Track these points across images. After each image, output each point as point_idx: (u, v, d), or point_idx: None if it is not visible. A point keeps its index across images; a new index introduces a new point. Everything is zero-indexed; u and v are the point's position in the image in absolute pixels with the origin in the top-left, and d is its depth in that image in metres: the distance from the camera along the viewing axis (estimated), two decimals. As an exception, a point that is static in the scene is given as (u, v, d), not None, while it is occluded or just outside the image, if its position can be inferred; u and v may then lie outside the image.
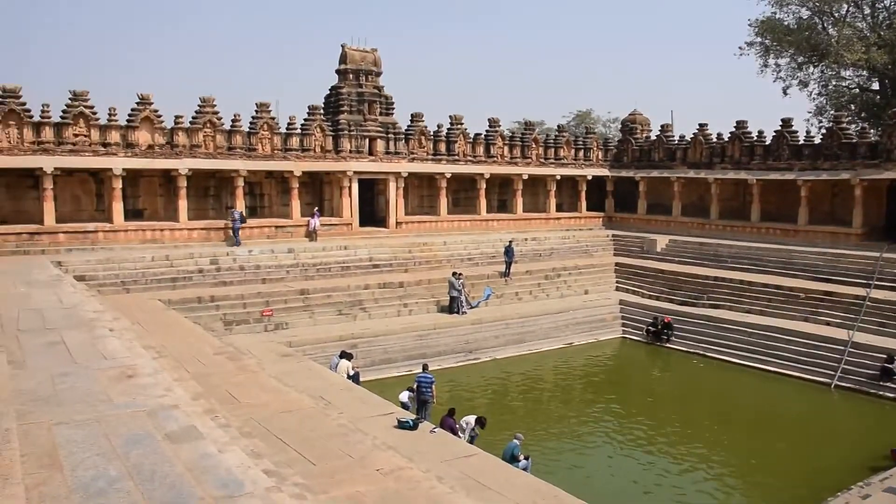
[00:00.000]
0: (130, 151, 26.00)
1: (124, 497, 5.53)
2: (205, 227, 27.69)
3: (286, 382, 13.70)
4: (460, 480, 10.31)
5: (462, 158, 34.04)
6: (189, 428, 7.22)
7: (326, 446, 10.29)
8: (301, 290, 24.60)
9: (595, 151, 39.48)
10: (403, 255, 29.61)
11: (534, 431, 17.40)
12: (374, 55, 32.26)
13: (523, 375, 23.31)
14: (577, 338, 26.93)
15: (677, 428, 18.79)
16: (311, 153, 29.83)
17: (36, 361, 9.86)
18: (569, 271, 31.45)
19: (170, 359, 12.49)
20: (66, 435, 6.86)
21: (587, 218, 39.13)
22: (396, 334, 23.48)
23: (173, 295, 22.75)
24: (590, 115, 67.70)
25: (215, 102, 27.93)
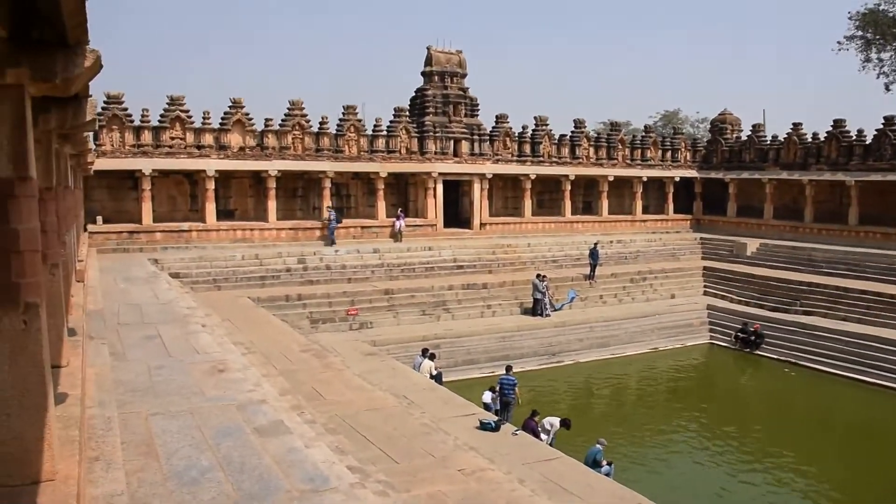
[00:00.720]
0: (223, 153, 26.87)
1: (215, 486, 5.72)
2: (293, 227, 28.34)
3: (370, 381, 13.88)
4: (542, 484, 10.24)
5: (547, 160, 33.83)
6: (277, 422, 7.40)
7: (409, 445, 10.37)
8: (385, 290, 24.90)
9: (683, 152, 38.62)
10: (487, 256, 29.61)
11: (616, 437, 17.13)
12: (459, 57, 32.40)
13: (606, 380, 22.99)
14: (663, 343, 26.38)
15: (766, 439, 18.16)
16: (397, 155, 30.17)
17: (134, 354, 10.29)
18: (655, 275, 30.86)
19: (258, 355, 12.83)
20: (161, 425, 7.14)
21: (674, 220, 38.30)
22: (479, 335, 23.50)
23: (262, 293, 23.35)
24: (677, 116, 66.26)
25: (304, 105, 28.58)
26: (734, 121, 39.49)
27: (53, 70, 3.47)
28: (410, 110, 31.94)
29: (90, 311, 11.75)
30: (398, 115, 30.69)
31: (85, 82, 4.16)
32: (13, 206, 3.39)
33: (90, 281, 15.92)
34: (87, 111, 5.38)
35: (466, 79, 32.59)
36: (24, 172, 3.45)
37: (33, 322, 3.51)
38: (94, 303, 13.44)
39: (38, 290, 3.56)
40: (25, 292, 3.46)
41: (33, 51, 3.41)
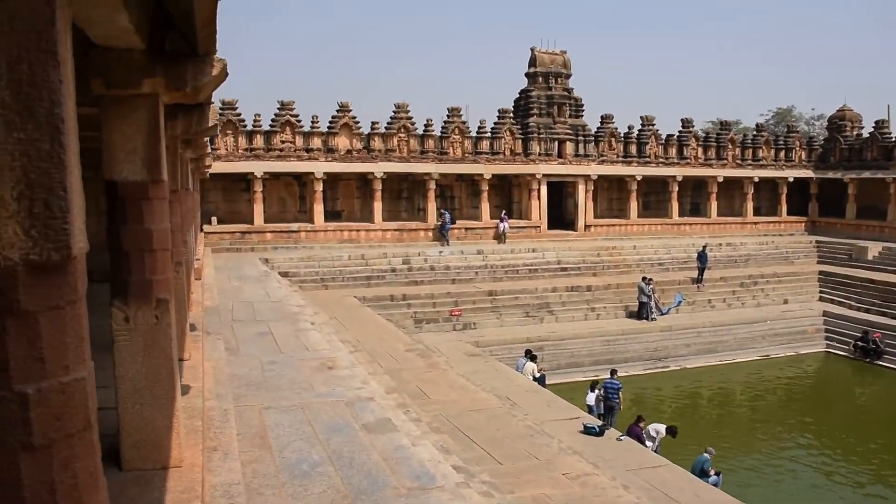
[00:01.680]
0: (330, 156, 27.58)
1: (325, 480, 5.89)
2: (398, 228, 28.80)
3: (473, 381, 13.95)
4: (647, 491, 10.05)
5: (653, 160, 33.14)
6: (384, 420, 7.56)
7: (513, 447, 10.38)
8: (489, 291, 24.96)
9: (797, 151, 37.05)
10: (592, 258, 29.25)
11: (723, 447, 16.59)
12: (563, 57, 32.15)
13: (714, 387, 22.31)
14: (775, 350, 25.38)
15: (888, 456, 17.21)
16: (501, 156, 30.21)
17: (248, 349, 10.70)
18: (766, 279, 29.73)
19: (365, 353, 13.11)
20: (274, 419, 7.41)
21: (787, 223, 36.77)
22: (583, 338, 23.25)
23: (367, 292, 23.80)
24: (791, 113, 63.64)
25: (409, 108, 29.02)
26: (854, 117, 37.57)
27: (185, 79, 3.68)
28: (514, 112, 31.92)
29: (207, 308, 12.30)
30: (502, 117, 30.72)
31: (212, 90, 4.39)
32: (147, 208, 3.61)
33: (206, 279, 16.65)
34: (209, 117, 5.65)
35: (571, 79, 32.32)
36: (157, 176, 3.66)
37: (164, 317, 3.72)
38: (210, 300, 14.06)
39: (169, 287, 3.78)
40: (157, 288, 3.68)
41: (167, 61, 3.62)
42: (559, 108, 31.57)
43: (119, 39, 3.19)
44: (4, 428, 1.45)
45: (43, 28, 1.44)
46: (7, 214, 1.43)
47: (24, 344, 1.46)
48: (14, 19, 1.40)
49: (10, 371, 1.45)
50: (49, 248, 1.47)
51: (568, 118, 31.71)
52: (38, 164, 1.45)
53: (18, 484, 1.47)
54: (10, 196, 1.43)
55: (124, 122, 3.63)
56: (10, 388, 1.45)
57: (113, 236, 3.70)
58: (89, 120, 4.25)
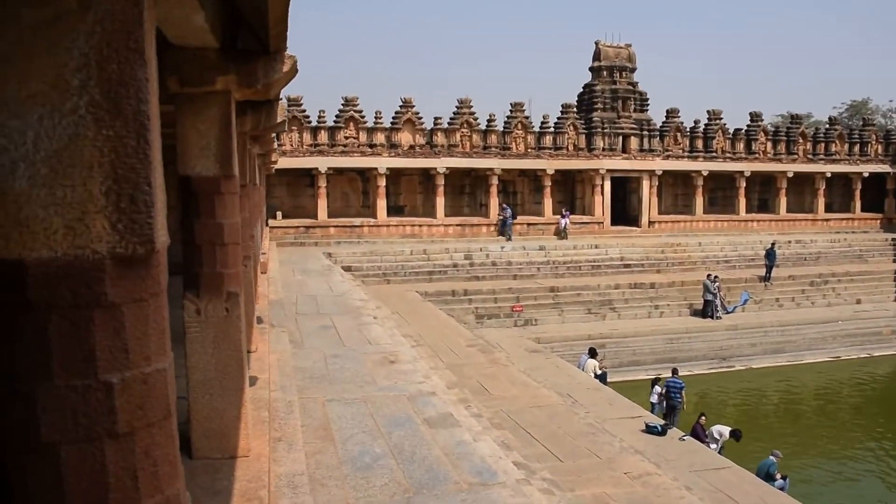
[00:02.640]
0: (393, 151, 27.77)
1: (387, 473, 5.95)
2: (460, 224, 28.85)
3: (534, 378, 13.90)
4: (710, 493, 9.88)
5: (720, 155, 32.44)
6: (446, 415, 7.59)
7: (574, 444, 10.31)
8: (551, 288, 24.82)
9: (873, 146, 35.77)
10: (656, 255, 28.83)
11: (789, 450, 16.18)
12: (627, 51, 31.73)
13: (781, 388, 21.76)
14: (846, 351, 24.61)
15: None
16: (564, 151, 29.98)
17: (311, 342, 10.87)
18: (838, 278, 28.85)
19: (426, 347, 13.19)
20: (337, 411, 7.51)
21: (861, 220, 35.58)
22: (646, 336, 22.93)
23: (429, 287, 23.91)
24: (866, 106, 61.46)
25: (472, 103, 29.00)
26: (935, 111, 36.18)
27: (256, 76, 3.75)
28: (578, 106, 31.61)
29: (272, 301, 12.53)
30: (565, 112, 30.47)
31: (282, 87, 4.46)
32: (219, 202, 3.69)
33: (271, 272, 16.96)
34: (277, 113, 5.75)
35: (635, 73, 31.87)
36: (229, 171, 3.74)
37: (234, 310, 3.80)
38: (275, 293, 14.31)
39: (239, 280, 3.86)
40: (228, 282, 3.76)
41: (239, 59, 3.70)
42: (623, 102, 31.16)
43: (194, 38, 3.27)
44: (90, 415, 1.51)
45: (132, 28, 1.49)
46: (96, 209, 1.48)
47: (109, 335, 1.51)
48: (105, 20, 1.45)
49: (97, 361, 1.50)
50: (134, 242, 1.52)
51: (632, 112, 31.28)
52: (125, 160, 1.50)
53: (103, 469, 1.53)
54: (98, 191, 1.48)
55: (198, 119, 3.72)
56: (96, 377, 1.51)
57: (186, 230, 3.80)
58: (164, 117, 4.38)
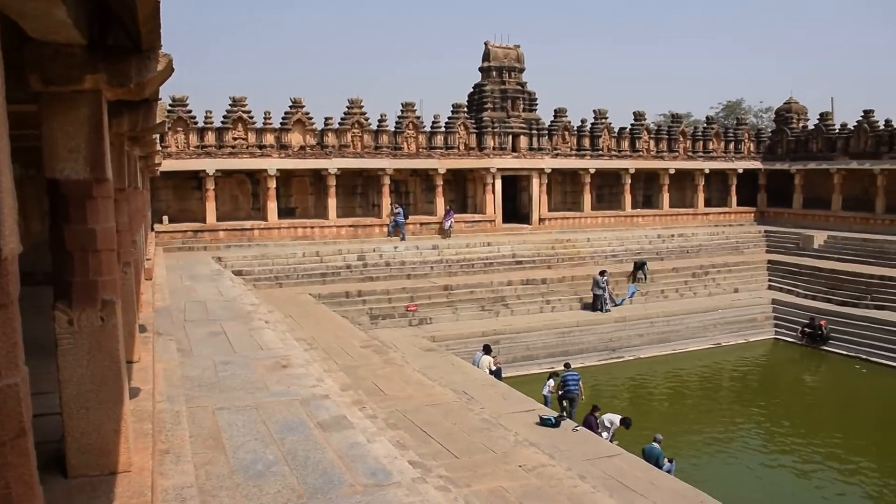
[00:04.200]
0: (284, 153, 27.31)
1: (280, 480, 5.84)
2: (352, 224, 28.65)
3: (430, 376, 13.95)
4: (603, 480, 10.17)
5: (606, 153, 33.47)
6: (339, 417, 7.52)
7: (469, 440, 10.41)
8: (444, 286, 24.99)
9: (746, 143, 37.75)
10: (546, 251, 29.47)
11: (677, 434, 16.90)
12: (516, 52, 32.28)
13: (667, 375, 22.67)
14: (726, 338, 25.89)
15: (835, 439, 17.64)
16: (455, 151, 30.22)
17: (200, 350, 10.55)
18: (717, 269, 30.28)
19: (320, 350, 13.03)
20: (227, 419, 7.32)
21: (737, 213, 37.48)
22: (538, 331, 23.43)
23: (322, 289, 23.66)
24: (740, 106, 64.71)
25: (363, 104, 28.85)
26: (800, 110, 38.44)
27: (128, 75, 3.59)
28: (468, 106, 31.94)
29: (158, 309, 12.10)
30: (456, 112, 30.72)
31: (157, 86, 4.30)
32: (91, 207, 3.52)
33: (157, 279, 16.38)
34: (157, 114, 5.54)
35: (524, 73, 32.48)
36: (101, 174, 3.57)
37: (110, 319, 3.64)
38: (161, 300, 13.83)
39: (115, 288, 3.70)
40: (103, 290, 3.59)
41: (109, 57, 3.53)
42: (513, 102, 31.70)
43: (57, 34, 3.10)
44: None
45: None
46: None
47: (-48, 350, 1.41)
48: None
49: (-61, 379, 1.39)
50: (-22, 251, 1.42)
51: (522, 112, 31.86)
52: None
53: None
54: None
55: (65, 120, 3.53)
56: (-61, 396, 1.40)
57: (55, 236, 3.60)
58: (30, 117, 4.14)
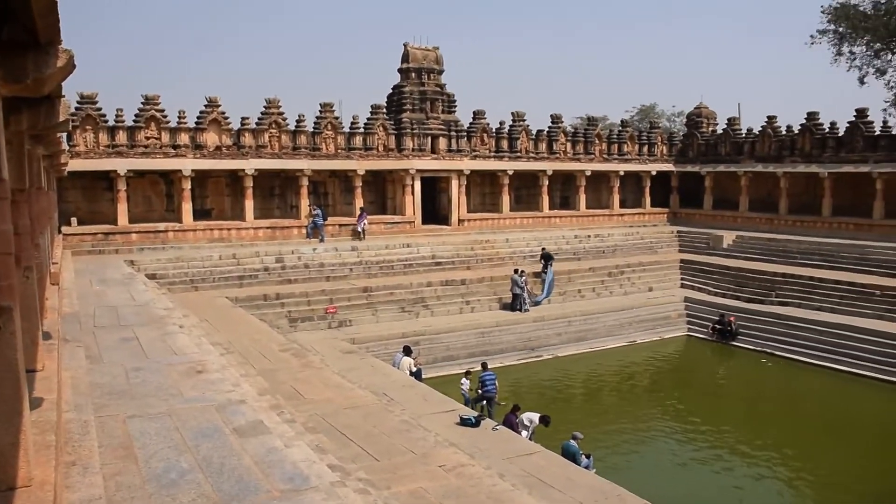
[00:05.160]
0: (199, 153, 26.68)
1: (195, 488, 5.69)
2: (270, 226, 28.21)
3: (349, 379, 13.87)
4: (522, 478, 10.28)
5: (524, 155, 33.90)
6: (256, 423, 7.38)
7: (389, 442, 10.38)
8: (364, 288, 24.86)
9: (659, 146, 38.86)
10: (466, 252, 29.65)
11: (595, 429, 17.24)
12: (435, 53, 32.39)
13: (585, 373, 23.12)
14: (641, 336, 26.57)
15: (743, 429, 18.36)
16: (375, 152, 30.10)
17: (111, 356, 10.20)
18: (632, 268, 31.05)
19: (237, 355, 12.79)
20: (139, 427, 7.09)
21: (651, 214, 38.55)
22: (458, 331, 23.55)
23: (240, 292, 23.24)
24: (654, 110, 66.62)
25: (280, 104, 28.43)
26: (710, 114, 39.79)
27: (25, 70, 3.44)
28: (387, 107, 31.88)
29: (65, 315, 11.63)
30: (375, 113, 30.61)
31: (57, 82, 4.12)
32: (-16, 209, 3.35)
33: (65, 283, 15.76)
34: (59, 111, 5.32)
35: (443, 75, 32.62)
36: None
37: (7, 326, 3.47)
38: (69, 306, 13.31)
39: (12, 294, 3.53)
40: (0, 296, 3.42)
41: (4, 51, 3.37)
42: (432, 103, 31.79)
43: (-55, 27, 2.95)
44: None
45: None
46: None
47: None
48: None
49: None
50: None
51: (441, 114, 31.99)
52: None
53: None
54: None
55: (-44, 117, 3.35)
56: None
57: (-53, 241, 3.41)
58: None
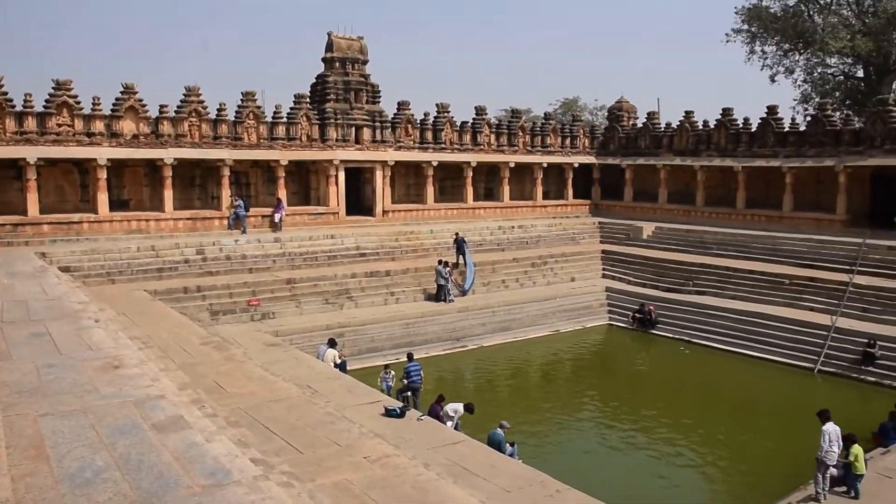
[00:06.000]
0: (115, 141, 25.84)
1: (111, 486, 5.55)
2: (191, 217, 27.56)
3: (273, 372, 13.73)
4: (447, 467, 10.38)
5: (449, 147, 34.01)
6: (176, 418, 7.24)
7: (313, 435, 10.34)
8: (288, 280, 24.59)
9: (582, 139, 39.54)
10: (390, 243, 29.62)
11: (520, 418, 17.49)
12: (360, 43, 32.14)
13: (510, 362, 23.43)
14: (564, 325, 27.06)
15: (664, 413, 18.93)
16: (298, 142, 29.72)
17: (20, 353, 9.84)
18: (555, 259, 31.55)
19: (156, 349, 12.49)
20: (51, 426, 6.87)
21: (574, 205, 39.22)
22: (383, 323, 23.53)
23: (159, 285, 22.69)
24: (576, 103, 67.78)
25: (200, 92, 27.75)
26: (630, 108, 40.70)
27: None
28: (311, 97, 31.49)
29: (-28, 309, 11.17)
30: (298, 102, 30.20)
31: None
32: None
33: (-29, 277, 15.11)
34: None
35: (368, 65, 32.40)
36: None
37: None
38: (-25, 300, 12.79)
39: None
40: None
41: None
42: (356, 93, 31.57)
43: None
44: None
45: None
46: None
47: None
48: None
49: None
50: None
51: (365, 104, 31.79)
52: None
53: None
54: None
55: None
56: None
57: None
58: None
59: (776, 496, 12.44)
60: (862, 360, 21.07)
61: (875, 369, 20.83)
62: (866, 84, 42.74)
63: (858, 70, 44.12)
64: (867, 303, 23.71)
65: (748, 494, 14.23)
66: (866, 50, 39.91)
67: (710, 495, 14.84)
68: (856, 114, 38.92)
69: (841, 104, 42.96)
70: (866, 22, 41.17)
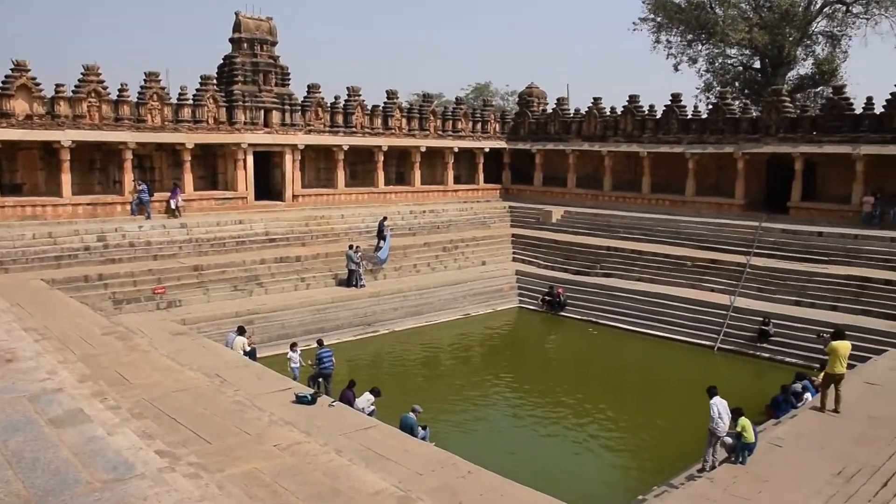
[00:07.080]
0: (6, 122, 24.50)
1: (3, 487, 5.33)
2: (91, 203, 26.48)
3: (179, 361, 13.42)
4: (359, 452, 10.40)
5: (360, 130, 33.74)
6: (75, 411, 7.02)
7: (222, 424, 10.18)
8: (195, 266, 23.99)
9: (492, 124, 39.85)
10: (300, 228, 29.25)
11: (432, 401, 17.62)
12: (269, 24, 31.48)
13: (421, 347, 23.55)
14: (475, 308, 27.36)
15: (573, 393, 19.39)
16: (204, 125, 28.90)
17: None
18: (466, 243, 31.81)
19: (54, 341, 12.02)
20: (-62, 424, 6.55)
21: (485, 190, 39.55)
22: (294, 309, 23.26)
23: (57, 274, 21.81)
24: (488, 88, 68.34)
25: (100, 71, 26.63)
26: (540, 94, 41.23)
27: None
28: (218, 79, 30.65)
29: None
30: (205, 84, 29.33)
31: None
32: None
33: None
34: None
35: (277, 47, 31.75)
36: None
37: None
38: None
39: None
40: None
41: None
42: (265, 75, 30.93)
43: None
44: None
45: None
46: None
47: None
48: None
49: None
50: None
51: (274, 87, 31.18)
52: None
53: None
54: None
55: None
56: None
57: None
58: None
59: (680, 469, 12.94)
60: (757, 338, 22.10)
61: (769, 346, 21.89)
62: (763, 75, 44.54)
63: (756, 61, 45.94)
64: (762, 283, 24.84)
65: (655, 468, 14.74)
66: (763, 42, 41.60)
67: (620, 472, 15.30)
68: (753, 103, 40.59)
69: (740, 93, 44.69)
70: (762, 16, 42.87)
